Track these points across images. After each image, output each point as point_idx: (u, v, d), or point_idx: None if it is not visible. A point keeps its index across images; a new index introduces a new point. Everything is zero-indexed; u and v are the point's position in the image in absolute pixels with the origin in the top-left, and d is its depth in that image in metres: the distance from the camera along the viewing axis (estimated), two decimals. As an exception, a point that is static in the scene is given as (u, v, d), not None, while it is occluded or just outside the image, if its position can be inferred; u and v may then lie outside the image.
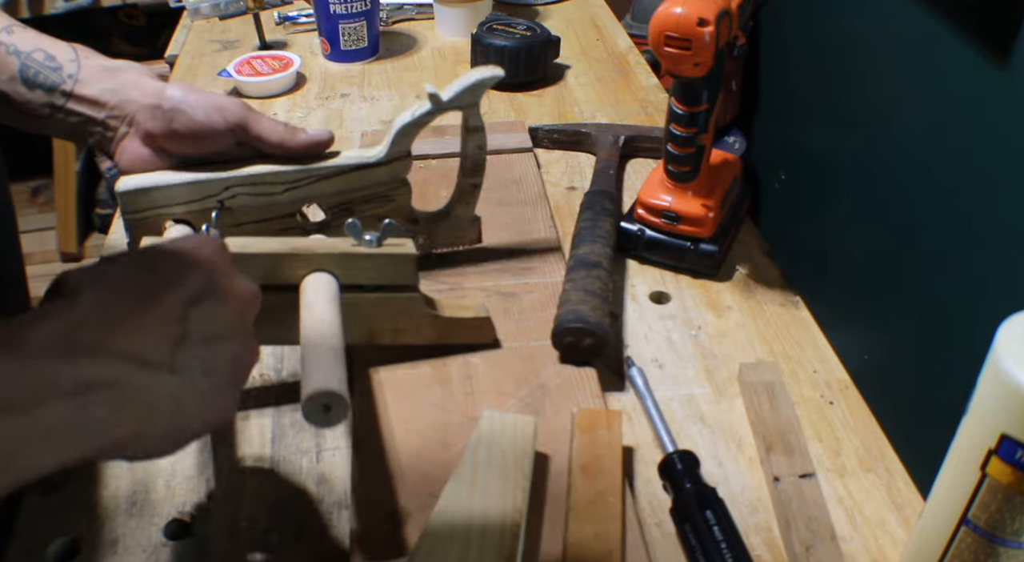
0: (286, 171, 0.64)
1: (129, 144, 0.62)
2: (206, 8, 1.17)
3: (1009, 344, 0.40)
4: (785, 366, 0.67)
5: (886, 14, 0.68)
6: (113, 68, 0.62)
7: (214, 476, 0.58)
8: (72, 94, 0.61)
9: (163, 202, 0.62)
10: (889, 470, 0.59)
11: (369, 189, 0.66)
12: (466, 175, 0.70)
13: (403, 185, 0.67)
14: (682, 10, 0.63)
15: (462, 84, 0.65)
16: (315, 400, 0.46)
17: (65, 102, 0.61)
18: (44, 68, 0.60)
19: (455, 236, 0.73)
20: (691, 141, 0.71)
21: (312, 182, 0.65)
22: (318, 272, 0.57)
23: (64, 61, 0.61)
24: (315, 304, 0.55)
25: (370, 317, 0.61)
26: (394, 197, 0.67)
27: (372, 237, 0.58)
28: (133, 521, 0.55)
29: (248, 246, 0.57)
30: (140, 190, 0.61)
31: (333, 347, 0.50)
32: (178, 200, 0.62)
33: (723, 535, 0.52)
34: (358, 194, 0.66)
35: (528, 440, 0.55)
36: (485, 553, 0.48)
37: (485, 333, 0.65)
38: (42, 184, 2.35)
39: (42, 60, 0.61)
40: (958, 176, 0.60)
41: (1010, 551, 0.43)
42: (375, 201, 0.67)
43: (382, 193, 0.67)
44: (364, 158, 0.65)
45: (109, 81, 0.61)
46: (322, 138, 0.65)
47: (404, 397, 0.61)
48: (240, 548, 0.53)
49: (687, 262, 0.75)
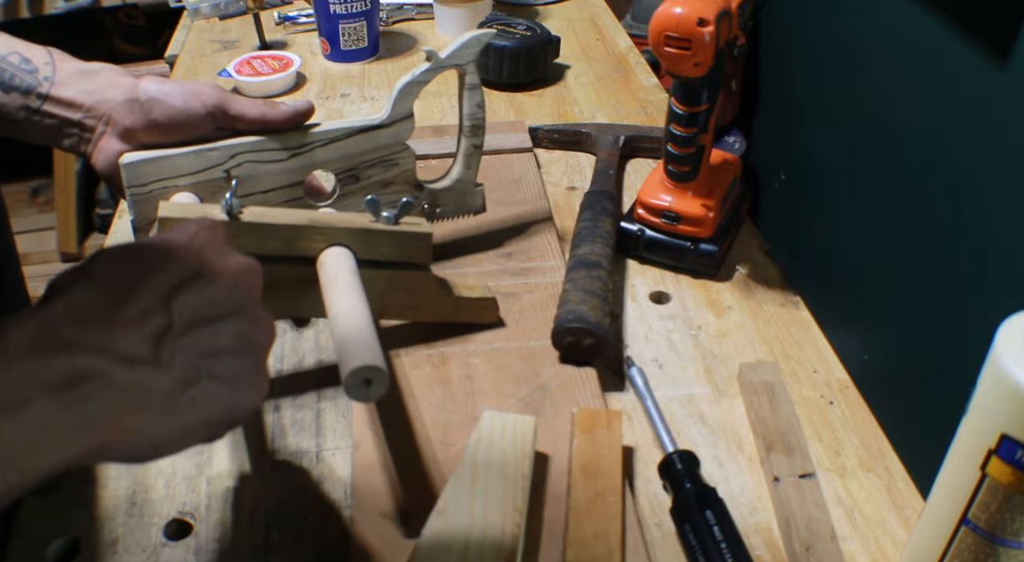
0: (291, 135, 0.64)
1: (106, 144, 0.62)
2: (206, 8, 1.17)
3: (1009, 344, 0.40)
4: (785, 366, 0.67)
5: (886, 14, 0.68)
6: (88, 70, 0.63)
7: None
8: (48, 96, 0.61)
9: (168, 173, 0.61)
10: (889, 470, 0.59)
11: (374, 153, 0.67)
12: (467, 136, 0.70)
13: (406, 148, 0.68)
14: (682, 10, 0.63)
15: (458, 43, 0.67)
16: (357, 375, 0.46)
17: (41, 104, 0.61)
18: (20, 71, 0.61)
19: (460, 203, 0.73)
20: (691, 141, 0.71)
21: (318, 146, 0.65)
22: (336, 246, 0.58)
23: (39, 64, 0.61)
24: (338, 277, 0.55)
25: (382, 293, 0.61)
26: (398, 160, 0.68)
27: (390, 214, 0.59)
28: (133, 521, 0.55)
29: (266, 216, 0.57)
30: (146, 161, 0.61)
31: (366, 320, 0.50)
32: (183, 171, 0.62)
33: (723, 535, 0.52)
34: (364, 158, 0.67)
35: (528, 440, 0.55)
36: (485, 553, 0.48)
37: (490, 313, 0.67)
38: (42, 184, 2.35)
39: (17, 63, 0.61)
40: (958, 176, 0.60)
41: (1010, 551, 0.43)
42: (380, 165, 0.68)
43: (386, 157, 0.67)
44: (367, 121, 0.66)
45: (85, 83, 0.62)
46: (302, 108, 0.65)
47: (404, 397, 0.61)
48: (240, 548, 0.53)
49: (687, 262, 0.75)
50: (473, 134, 0.70)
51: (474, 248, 0.76)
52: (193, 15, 1.19)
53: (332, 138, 0.65)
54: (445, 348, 0.65)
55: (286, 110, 0.64)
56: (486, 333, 0.66)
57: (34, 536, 0.54)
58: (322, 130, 0.65)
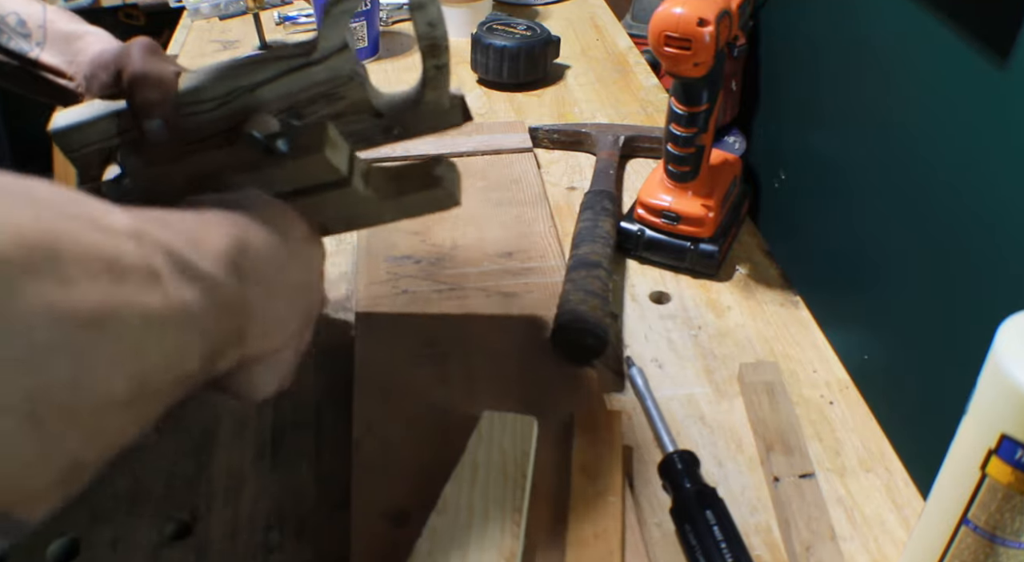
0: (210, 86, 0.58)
1: None
2: (206, 8, 1.17)
3: (1009, 344, 0.40)
4: (785, 366, 0.67)
5: (887, 14, 0.68)
6: (73, 35, 0.63)
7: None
8: (38, 62, 0.62)
9: (96, 137, 0.59)
10: (889, 470, 0.59)
11: (311, 90, 0.59)
12: (426, 58, 0.60)
13: (351, 80, 0.59)
14: (682, 10, 0.63)
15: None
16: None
17: (33, 68, 0.62)
18: (15, 34, 0.62)
19: (435, 121, 0.63)
20: (691, 141, 0.71)
21: (245, 93, 0.58)
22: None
23: (33, 27, 0.62)
24: None
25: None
26: (343, 93, 0.59)
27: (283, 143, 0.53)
28: (133, 521, 0.55)
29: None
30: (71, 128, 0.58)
31: None
32: (110, 133, 0.59)
33: (723, 535, 0.52)
34: (300, 97, 0.59)
35: (528, 440, 0.55)
36: (485, 553, 0.48)
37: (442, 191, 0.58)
38: (42, 183, 2.35)
39: (14, 24, 0.62)
40: (958, 176, 0.60)
41: (1010, 551, 0.43)
42: (322, 101, 0.60)
43: (327, 92, 0.59)
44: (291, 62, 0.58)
45: (68, 50, 0.62)
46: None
47: (404, 397, 0.61)
48: (240, 548, 0.53)
49: (687, 262, 0.75)
50: (433, 55, 0.60)
51: (474, 248, 0.76)
52: (193, 15, 1.19)
53: (256, 83, 0.58)
54: (445, 348, 0.65)
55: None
56: (486, 333, 0.66)
57: (34, 536, 0.54)
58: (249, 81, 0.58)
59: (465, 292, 0.71)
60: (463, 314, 0.68)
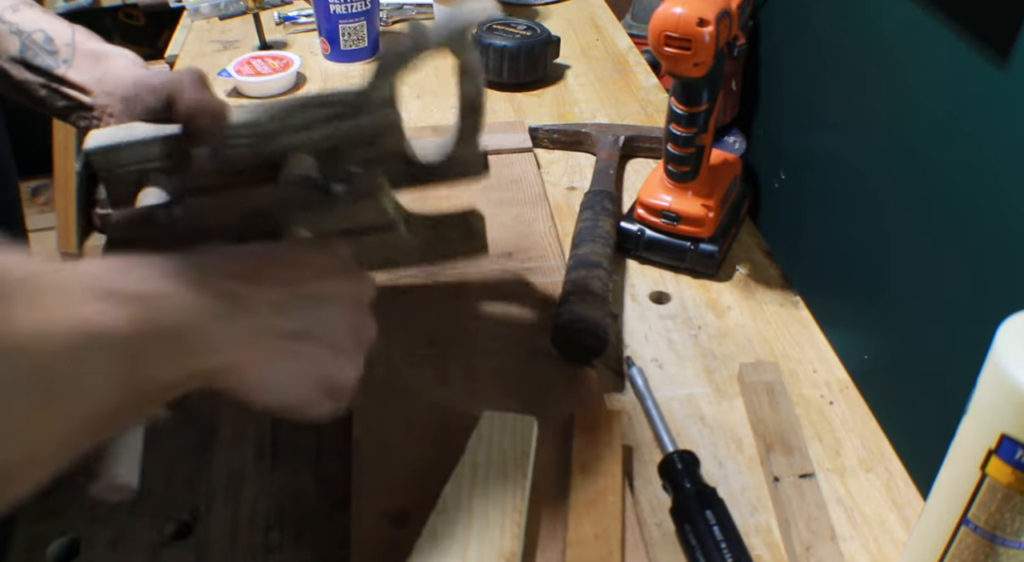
0: (258, 123, 0.59)
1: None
2: (206, 8, 1.17)
3: (1009, 344, 0.40)
4: (785, 366, 0.67)
5: (887, 14, 0.68)
6: (101, 54, 0.63)
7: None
8: (64, 79, 0.62)
9: (136, 159, 0.59)
10: (889, 470, 0.59)
11: (355, 134, 0.61)
12: (465, 117, 0.62)
13: (392, 129, 0.61)
14: (682, 10, 0.63)
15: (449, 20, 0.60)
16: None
17: (59, 86, 0.62)
18: (42, 51, 0.61)
19: (460, 171, 0.65)
20: (691, 141, 0.71)
21: (290, 132, 0.59)
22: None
23: (61, 45, 0.62)
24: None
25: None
26: (383, 140, 0.61)
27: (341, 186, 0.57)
28: (133, 521, 0.55)
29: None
30: (113, 147, 0.58)
31: None
32: (151, 156, 0.59)
33: (723, 535, 0.52)
34: (344, 140, 0.61)
35: (528, 440, 0.55)
36: (485, 553, 0.48)
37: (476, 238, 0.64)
38: (42, 184, 2.35)
39: (41, 42, 0.62)
40: (958, 175, 0.60)
41: (1010, 551, 0.43)
42: (362, 146, 0.61)
43: (369, 137, 0.61)
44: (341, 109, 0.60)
45: (95, 69, 0.62)
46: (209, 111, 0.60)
47: (404, 397, 0.61)
48: (240, 548, 0.53)
49: (687, 262, 0.75)
50: (473, 114, 0.62)
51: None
52: (193, 15, 1.19)
53: (304, 124, 0.59)
54: (445, 348, 0.65)
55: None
56: (486, 333, 0.66)
57: (34, 536, 0.54)
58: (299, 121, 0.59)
59: (465, 292, 0.71)
60: (463, 314, 0.68)
